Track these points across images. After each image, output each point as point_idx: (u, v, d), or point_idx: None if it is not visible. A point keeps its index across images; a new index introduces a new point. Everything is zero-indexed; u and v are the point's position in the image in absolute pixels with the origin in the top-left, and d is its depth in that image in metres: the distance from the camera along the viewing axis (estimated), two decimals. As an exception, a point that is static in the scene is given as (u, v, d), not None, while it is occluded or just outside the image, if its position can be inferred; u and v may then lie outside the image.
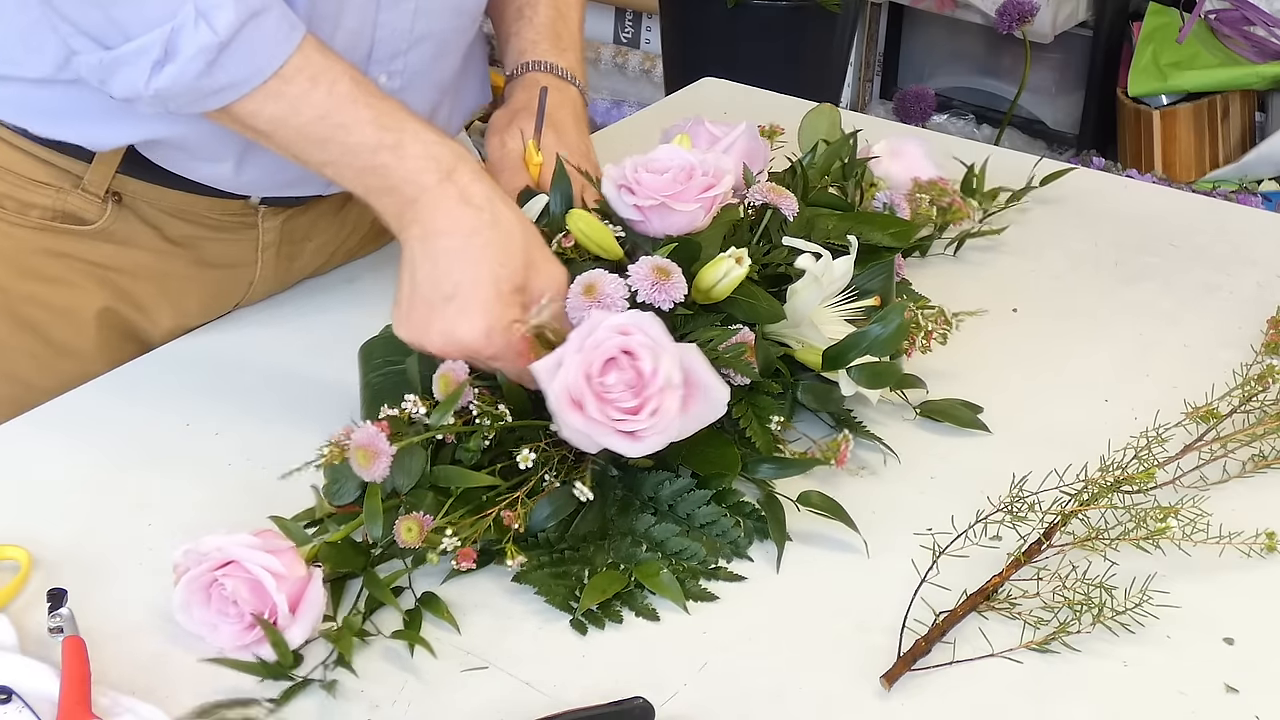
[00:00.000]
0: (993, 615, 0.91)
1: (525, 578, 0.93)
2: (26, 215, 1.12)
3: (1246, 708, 0.87)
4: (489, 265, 0.96)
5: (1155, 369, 1.19)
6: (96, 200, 1.12)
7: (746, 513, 0.98)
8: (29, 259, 1.13)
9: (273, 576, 0.86)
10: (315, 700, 0.85)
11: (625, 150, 1.07)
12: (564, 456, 0.95)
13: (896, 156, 1.36)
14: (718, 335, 0.99)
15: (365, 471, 0.90)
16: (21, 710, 0.81)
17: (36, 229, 1.12)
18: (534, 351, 0.95)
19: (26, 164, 1.11)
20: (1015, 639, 0.89)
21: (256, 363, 1.15)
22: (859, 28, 3.22)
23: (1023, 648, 0.88)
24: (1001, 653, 0.88)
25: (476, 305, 0.95)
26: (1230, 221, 1.46)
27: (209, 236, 1.17)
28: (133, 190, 1.13)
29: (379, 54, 1.10)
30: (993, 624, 0.91)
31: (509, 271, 0.96)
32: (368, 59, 1.09)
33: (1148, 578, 0.91)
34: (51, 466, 1.03)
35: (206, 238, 1.17)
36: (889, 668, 0.87)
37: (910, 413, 1.11)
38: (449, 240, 0.97)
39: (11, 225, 1.12)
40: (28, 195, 1.11)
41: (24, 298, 1.14)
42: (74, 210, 1.12)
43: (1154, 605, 0.91)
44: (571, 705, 0.83)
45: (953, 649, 0.89)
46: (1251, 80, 2.94)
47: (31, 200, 1.11)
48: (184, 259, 1.17)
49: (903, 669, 0.87)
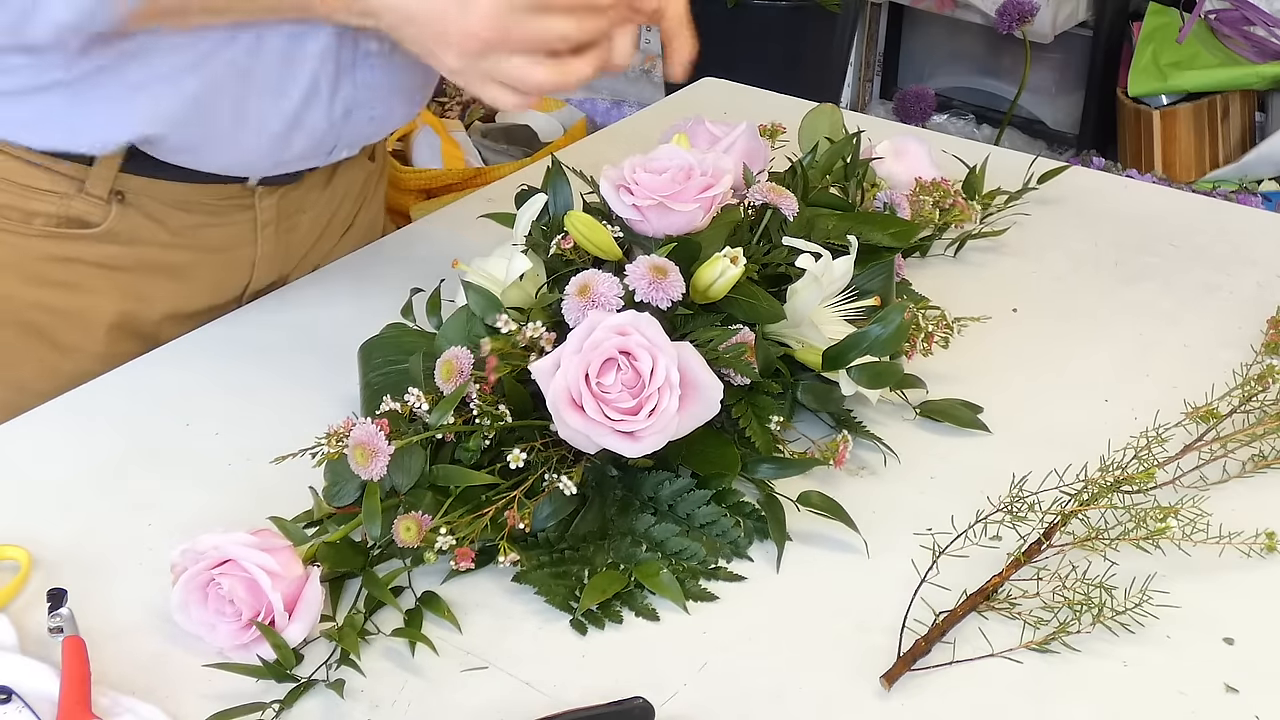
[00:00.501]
0: (992, 616, 0.91)
1: (525, 578, 0.93)
2: (30, 224, 1.12)
3: (1246, 708, 0.87)
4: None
5: (1155, 369, 1.19)
6: (100, 202, 1.12)
7: (746, 513, 0.98)
8: (35, 266, 1.13)
9: (268, 575, 0.86)
10: (316, 700, 0.85)
11: (625, 150, 1.07)
12: (562, 456, 0.95)
13: (899, 157, 1.36)
14: (717, 335, 0.99)
15: (363, 470, 0.90)
16: (21, 710, 0.81)
17: (42, 236, 1.12)
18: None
19: (27, 173, 1.10)
20: (1015, 639, 0.89)
21: (256, 363, 1.15)
22: (859, 28, 3.23)
23: (1022, 648, 0.88)
24: (1001, 653, 0.88)
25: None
26: (1230, 221, 1.46)
27: (210, 223, 1.18)
28: (135, 187, 1.13)
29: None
30: (993, 624, 0.91)
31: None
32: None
33: (1148, 578, 0.91)
34: (51, 466, 1.03)
35: (208, 224, 1.18)
36: (889, 668, 0.87)
37: (910, 413, 1.11)
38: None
39: (16, 235, 1.12)
40: (31, 204, 1.11)
41: (31, 304, 1.14)
42: (79, 214, 1.12)
43: (1154, 605, 0.91)
44: (571, 705, 0.83)
45: (953, 649, 0.89)
46: (1251, 80, 2.94)
47: (35, 208, 1.11)
48: (188, 249, 1.18)
49: (903, 669, 0.87)
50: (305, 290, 1.26)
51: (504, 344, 0.95)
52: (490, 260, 1.08)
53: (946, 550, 0.94)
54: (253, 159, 1.14)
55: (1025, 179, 1.44)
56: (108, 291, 1.15)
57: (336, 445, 0.92)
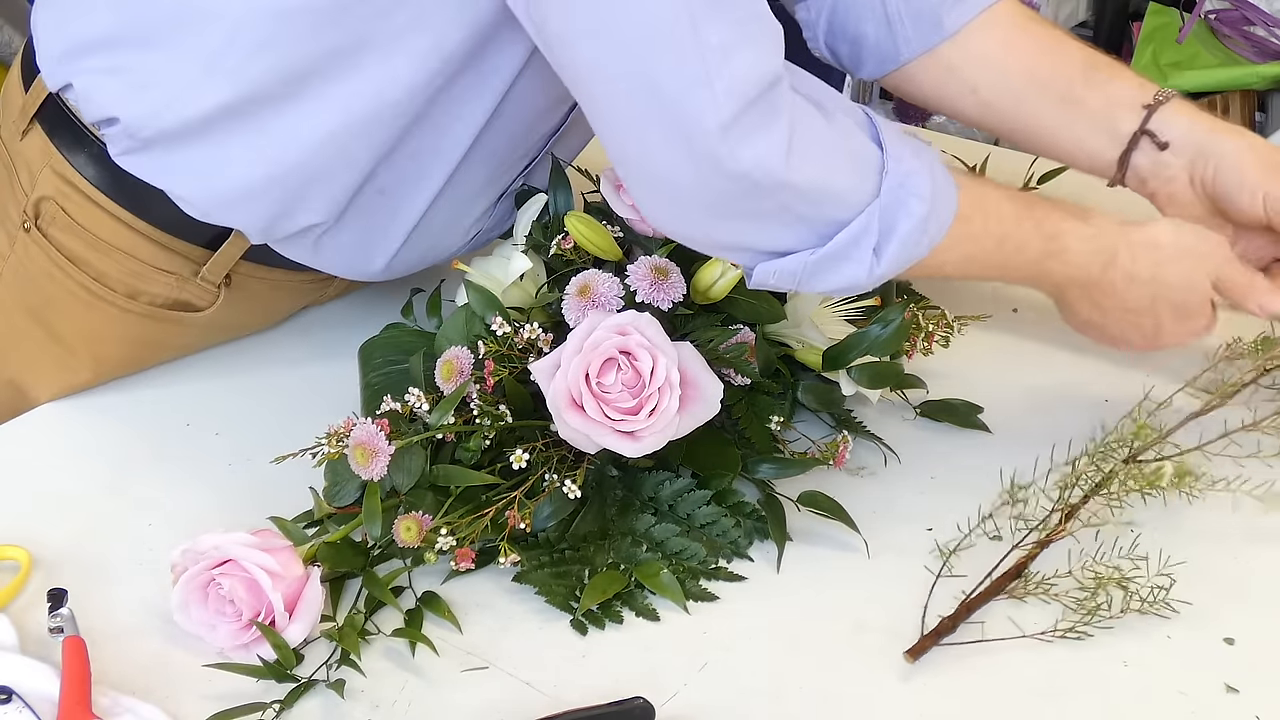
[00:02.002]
0: (999, 612, 0.91)
1: (525, 578, 0.93)
2: (135, 300, 1.06)
3: (1246, 708, 0.87)
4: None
5: (1155, 369, 1.18)
6: (211, 288, 1.07)
7: (746, 513, 0.98)
8: (122, 339, 1.08)
9: (268, 575, 0.86)
10: (317, 700, 0.85)
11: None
12: (563, 456, 0.95)
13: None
14: (718, 335, 0.99)
15: (363, 469, 0.90)
16: (21, 710, 0.81)
17: (142, 315, 1.07)
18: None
19: (147, 250, 1.04)
20: (1033, 628, 0.90)
21: (257, 363, 1.15)
22: (859, 28, 3.22)
23: (1050, 633, 0.89)
24: (1034, 634, 0.89)
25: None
26: (1230, 221, 1.46)
27: (292, 298, 1.15)
28: (244, 271, 1.08)
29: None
30: (998, 622, 0.91)
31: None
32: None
33: (1164, 560, 0.93)
34: (52, 466, 1.03)
35: (288, 300, 1.15)
36: (913, 644, 0.88)
37: (910, 413, 1.11)
38: (1123, 310, 1.07)
39: (116, 309, 1.06)
40: (143, 283, 1.05)
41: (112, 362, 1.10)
42: (188, 299, 1.07)
43: (1157, 604, 0.91)
44: (571, 705, 0.83)
45: (981, 628, 0.89)
46: (1251, 80, 2.93)
47: (144, 288, 1.05)
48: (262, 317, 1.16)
49: (929, 644, 0.88)
50: (305, 290, 1.26)
51: (500, 346, 0.95)
52: (491, 260, 1.08)
53: (965, 539, 0.95)
54: (387, 266, 1.10)
55: (1025, 179, 1.44)
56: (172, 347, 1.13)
57: (337, 445, 0.92)
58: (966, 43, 1.14)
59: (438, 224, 1.07)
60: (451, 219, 1.08)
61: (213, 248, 1.05)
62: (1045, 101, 1.14)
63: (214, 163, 0.99)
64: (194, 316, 1.08)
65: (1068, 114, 1.14)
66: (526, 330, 0.95)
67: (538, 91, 1.00)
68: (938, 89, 1.17)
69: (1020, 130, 1.17)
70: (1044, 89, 1.14)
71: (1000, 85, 1.15)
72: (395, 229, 1.06)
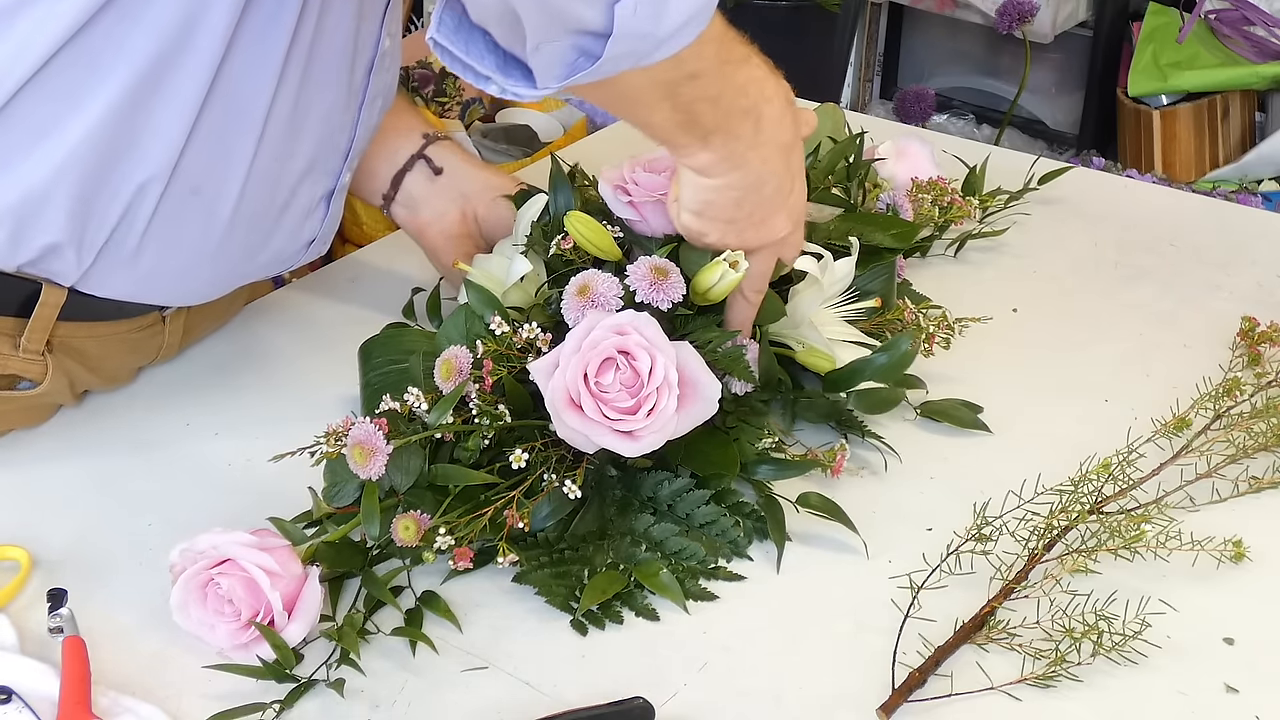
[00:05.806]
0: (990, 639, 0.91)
1: (525, 578, 0.93)
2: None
3: (1246, 708, 0.87)
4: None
5: (1155, 369, 1.19)
6: (37, 357, 1.01)
7: (746, 513, 0.98)
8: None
9: (267, 575, 0.86)
10: (317, 700, 0.85)
11: (625, 151, 1.07)
12: (562, 456, 0.95)
13: (901, 157, 1.36)
14: (717, 336, 0.99)
15: (362, 469, 0.90)
16: (21, 710, 0.81)
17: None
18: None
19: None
20: (1011, 657, 0.89)
21: (256, 363, 1.15)
22: (859, 28, 3.22)
23: (1021, 681, 0.86)
24: (1001, 686, 0.86)
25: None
26: (1230, 221, 1.46)
27: (123, 346, 1.10)
28: (64, 334, 1.02)
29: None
30: (990, 648, 0.91)
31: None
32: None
33: (1143, 600, 0.90)
34: (52, 466, 1.03)
35: (122, 349, 1.10)
36: (885, 699, 0.85)
37: (910, 413, 1.11)
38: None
39: None
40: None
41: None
42: (14, 373, 1.01)
43: (1153, 615, 0.90)
44: (571, 705, 0.83)
45: (950, 681, 0.89)
46: (1251, 80, 2.93)
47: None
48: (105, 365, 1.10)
49: (899, 700, 0.85)
50: (305, 290, 1.26)
51: (498, 346, 0.95)
52: (491, 259, 1.08)
53: (924, 586, 0.92)
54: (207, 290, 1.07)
55: (1026, 179, 1.44)
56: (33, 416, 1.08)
57: (335, 445, 0.92)
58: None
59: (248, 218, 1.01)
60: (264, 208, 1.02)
61: (25, 314, 0.98)
62: None
63: None
64: (34, 393, 1.03)
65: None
66: (525, 330, 0.95)
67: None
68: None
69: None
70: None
71: None
72: (205, 234, 1.00)
